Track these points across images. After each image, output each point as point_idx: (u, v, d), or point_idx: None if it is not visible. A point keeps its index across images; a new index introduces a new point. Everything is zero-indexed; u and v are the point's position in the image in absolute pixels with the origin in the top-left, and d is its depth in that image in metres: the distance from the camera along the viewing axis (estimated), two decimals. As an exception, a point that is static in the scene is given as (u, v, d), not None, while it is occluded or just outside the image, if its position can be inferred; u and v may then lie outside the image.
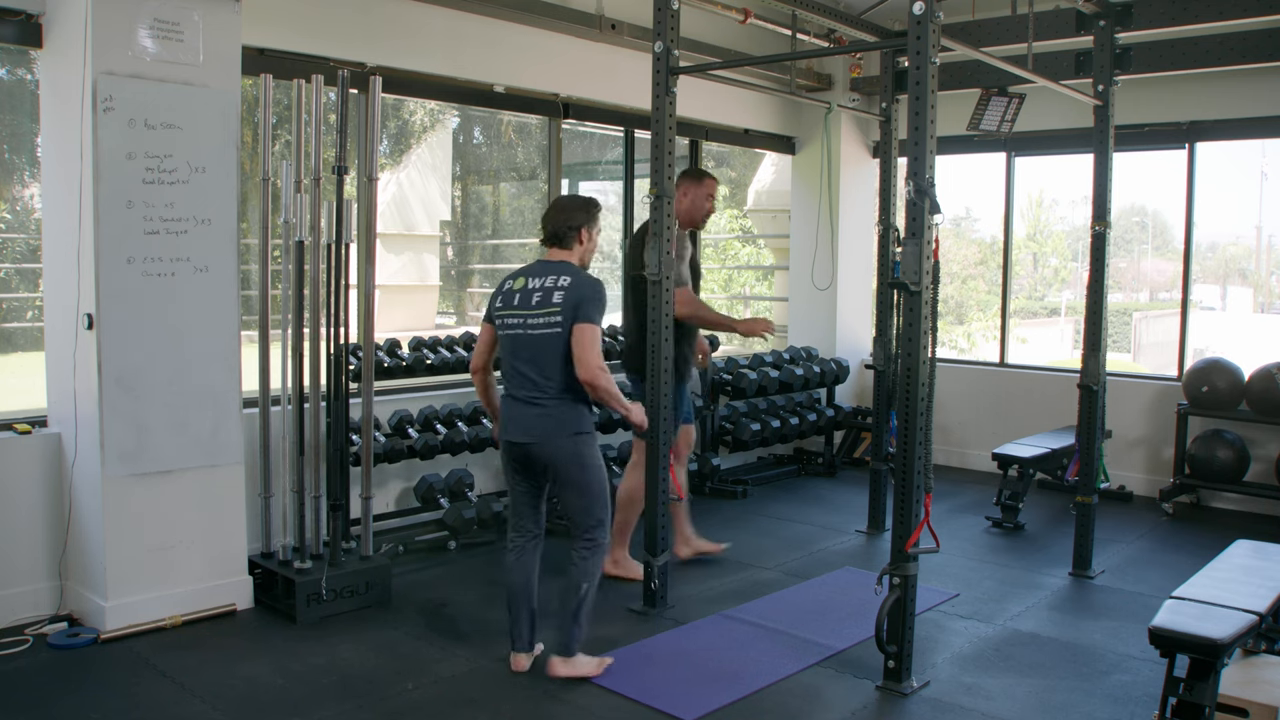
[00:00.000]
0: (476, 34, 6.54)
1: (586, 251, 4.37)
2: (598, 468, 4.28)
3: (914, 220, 4.09)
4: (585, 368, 4.07)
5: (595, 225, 4.37)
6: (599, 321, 4.13)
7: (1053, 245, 14.31)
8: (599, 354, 4.09)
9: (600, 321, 4.14)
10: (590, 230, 4.35)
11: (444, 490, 6.20)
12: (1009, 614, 5.25)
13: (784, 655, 4.66)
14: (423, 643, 4.72)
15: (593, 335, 4.09)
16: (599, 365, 4.07)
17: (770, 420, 8.01)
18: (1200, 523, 7.18)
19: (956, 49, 4.87)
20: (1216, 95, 7.52)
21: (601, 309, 4.16)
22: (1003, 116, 6.55)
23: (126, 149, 4.55)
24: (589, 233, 4.34)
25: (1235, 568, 4.30)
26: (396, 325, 10.16)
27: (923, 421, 4.20)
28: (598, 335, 4.11)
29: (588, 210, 4.35)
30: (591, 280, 4.22)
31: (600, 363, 4.08)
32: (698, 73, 5.59)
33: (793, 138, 9.29)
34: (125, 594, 4.68)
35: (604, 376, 4.08)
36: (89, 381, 4.62)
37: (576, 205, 4.36)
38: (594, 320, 4.11)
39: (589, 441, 4.27)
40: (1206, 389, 7.27)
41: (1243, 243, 13.83)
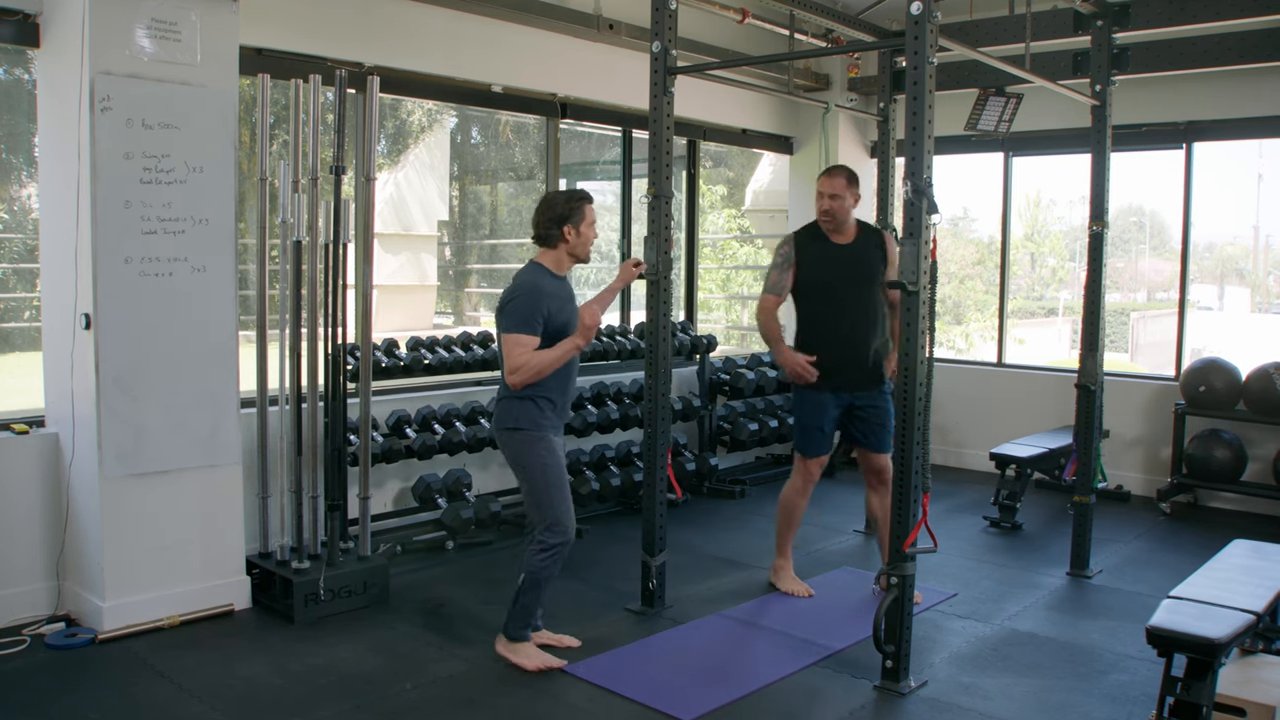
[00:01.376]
0: (474, 34, 6.54)
1: (578, 245, 4.36)
2: (537, 467, 4.30)
3: (911, 220, 4.09)
4: (509, 377, 4.22)
5: (581, 217, 4.34)
6: (511, 328, 4.20)
7: (1050, 245, 14.31)
8: (511, 358, 4.19)
9: (515, 327, 4.19)
10: (576, 225, 4.33)
11: (442, 490, 6.19)
12: (1007, 614, 5.26)
13: (782, 655, 4.66)
14: (421, 643, 4.72)
15: (505, 344, 4.22)
16: (511, 370, 4.19)
17: (768, 420, 8.01)
18: (1198, 522, 7.18)
19: (954, 49, 4.87)
20: (1214, 95, 7.53)
21: (515, 315, 4.20)
22: (1000, 116, 6.56)
23: (124, 149, 4.55)
24: (574, 228, 4.32)
25: (1233, 567, 4.31)
26: (394, 325, 10.16)
27: (920, 421, 4.20)
28: (509, 342, 4.20)
29: (569, 205, 4.33)
30: (513, 286, 4.30)
31: (513, 365, 4.18)
32: (695, 73, 5.59)
33: (790, 138, 9.29)
34: (123, 594, 4.68)
35: (518, 377, 4.18)
36: (86, 381, 4.62)
37: (558, 202, 4.35)
38: (505, 329, 4.22)
39: (524, 439, 4.30)
40: (1204, 389, 7.27)
41: (1240, 243, 13.83)
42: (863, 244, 5.22)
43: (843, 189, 5.15)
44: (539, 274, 4.32)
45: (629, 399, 7.31)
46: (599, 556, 6.04)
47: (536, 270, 4.34)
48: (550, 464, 4.31)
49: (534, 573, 4.32)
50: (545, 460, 4.30)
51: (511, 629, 4.44)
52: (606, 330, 7.51)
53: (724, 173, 12.73)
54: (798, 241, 5.35)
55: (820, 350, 5.23)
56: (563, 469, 4.36)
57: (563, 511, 4.31)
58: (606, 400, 7.23)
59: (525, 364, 4.16)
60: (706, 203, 12.02)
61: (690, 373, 8.03)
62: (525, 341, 4.18)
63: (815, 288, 5.28)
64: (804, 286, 5.31)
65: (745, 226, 12.89)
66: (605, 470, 6.91)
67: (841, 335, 5.20)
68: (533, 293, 4.23)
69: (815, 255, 5.27)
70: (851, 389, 5.18)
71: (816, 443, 5.35)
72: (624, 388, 7.37)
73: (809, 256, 5.28)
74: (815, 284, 5.27)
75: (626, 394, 7.34)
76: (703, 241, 9.84)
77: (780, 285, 5.35)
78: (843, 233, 5.23)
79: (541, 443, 4.30)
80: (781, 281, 5.35)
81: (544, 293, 4.25)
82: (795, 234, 5.42)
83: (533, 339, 4.19)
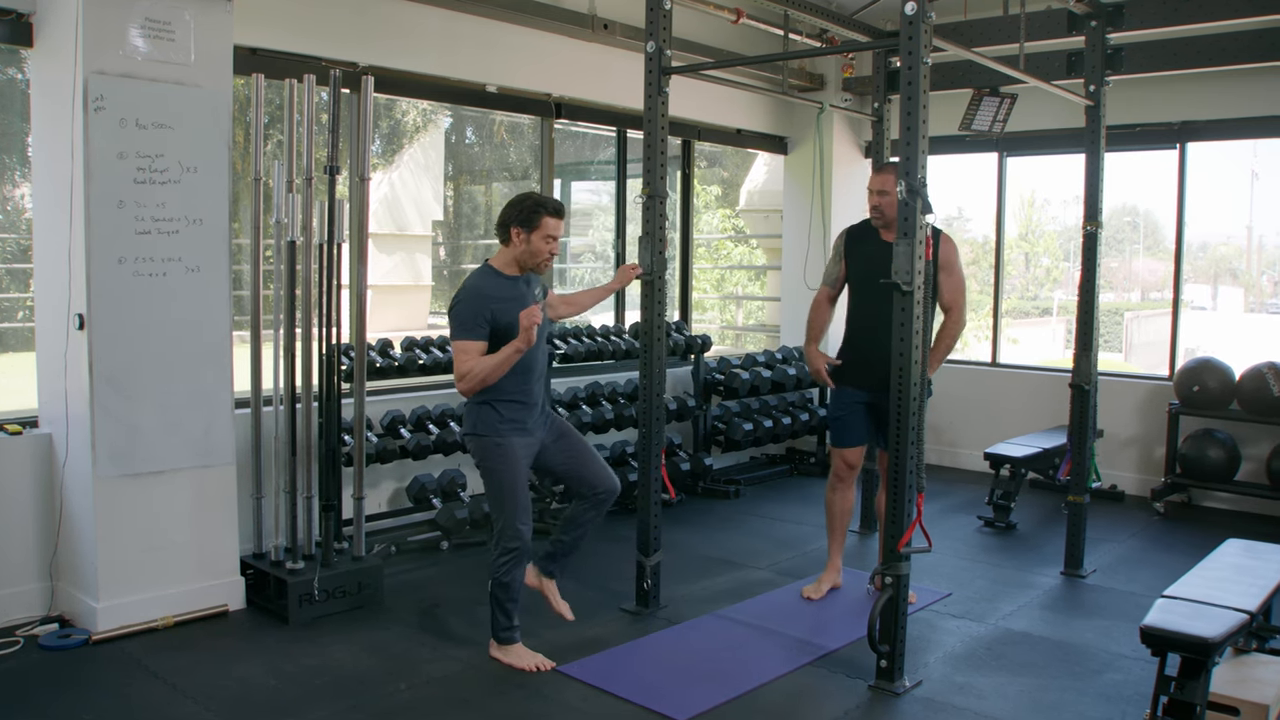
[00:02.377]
0: (469, 34, 6.53)
1: (526, 254, 4.31)
2: (493, 474, 4.34)
3: (906, 220, 4.10)
4: (456, 384, 4.25)
5: (536, 226, 4.26)
6: (455, 335, 4.22)
7: (1045, 245, 14.32)
8: (456, 366, 4.21)
9: (457, 334, 4.21)
10: (527, 231, 4.27)
11: (437, 490, 6.19)
12: (1001, 613, 5.26)
13: (777, 655, 4.67)
14: (415, 643, 4.72)
15: (454, 349, 4.24)
16: (458, 377, 4.22)
17: (763, 420, 8.01)
18: (1192, 522, 7.20)
19: (948, 49, 4.87)
20: (1208, 96, 7.54)
21: (457, 321, 4.22)
22: (994, 117, 6.56)
23: (118, 149, 4.54)
24: (524, 233, 4.27)
25: (1226, 567, 4.32)
26: (389, 325, 10.16)
27: (915, 421, 4.21)
28: (454, 350, 4.23)
29: (526, 209, 4.28)
30: (458, 293, 4.32)
31: (458, 373, 4.20)
32: (690, 73, 5.59)
33: (785, 138, 9.30)
34: (117, 595, 4.67)
35: (464, 385, 4.21)
36: (80, 382, 4.61)
37: (521, 202, 4.33)
38: (454, 336, 4.24)
39: (482, 444, 4.33)
40: (1198, 388, 7.29)
41: (1234, 243, 13.84)
42: None
43: (891, 185, 5.07)
44: (484, 276, 4.32)
45: (623, 399, 7.31)
46: (594, 556, 6.03)
47: (482, 273, 4.34)
48: (505, 471, 4.31)
49: (496, 576, 4.37)
50: (500, 468, 4.31)
51: (497, 632, 4.47)
52: (601, 330, 7.51)
53: (719, 173, 12.74)
54: (848, 236, 5.40)
55: (853, 345, 5.32)
56: (517, 477, 4.33)
57: (516, 518, 4.32)
58: (601, 400, 7.23)
59: (469, 371, 4.16)
60: (701, 203, 12.03)
61: (685, 373, 8.03)
62: (469, 348, 4.18)
63: (857, 283, 5.31)
64: (850, 281, 5.36)
65: (740, 226, 12.89)
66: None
67: (872, 332, 5.17)
68: (474, 297, 4.23)
69: (860, 251, 5.28)
70: (879, 387, 5.14)
71: (838, 432, 5.39)
72: (619, 388, 7.37)
73: (855, 252, 5.31)
74: (857, 279, 5.30)
75: (621, 394, 7.34)
76: (697, 241, 9.84)
77: (831, 277, 5.45)
78: (892, 229, 5.19)
79: (499, 449, 4.30)
80: (833, 273, 5.43)
81: (486, 295, 4.23)
82: (847, 229, 5.46)
83: (476, 344, 4.18)
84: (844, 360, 5.34)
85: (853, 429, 5.33)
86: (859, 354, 5.25)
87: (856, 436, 5.34)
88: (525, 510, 4.35)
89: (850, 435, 5.34)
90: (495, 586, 4.38)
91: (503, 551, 4.33)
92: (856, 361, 5.26)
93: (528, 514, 4.37)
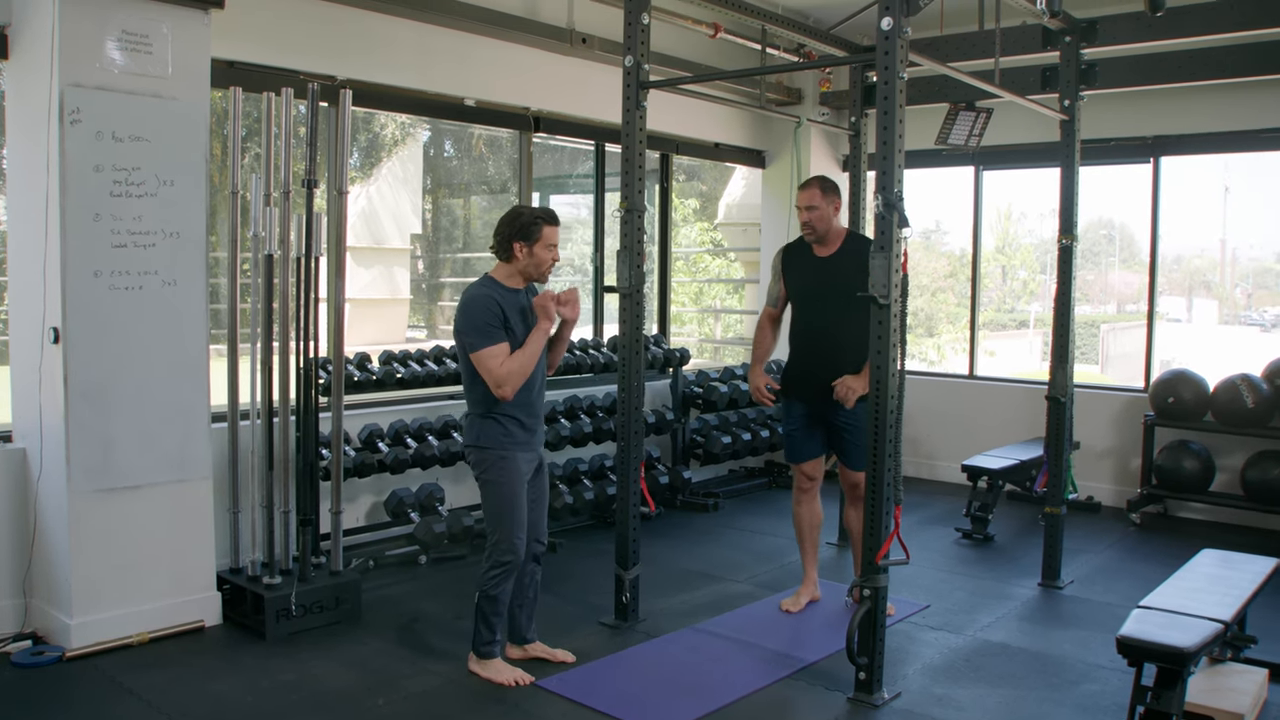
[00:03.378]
0: (447, 48, 6.54)
1: (529, 265, 4.32)
2: (493, 487, 4.32)
3: (883, 234, 4.12)
4: (497, 392, 4.20)
5: (537, 238, 4.28)
6: (477, 346, 4.18)
7: (1021, 258, 14.43)
8: (492, 374, 4.17)
9: (480, 344, 4.18)
10: (529, 244, 4.28)
11: (415, 505, 6.17)
12: (979, 625, 5.28)
13: (755, 668, 4.66)
14: (393, 658, 4.69)
15: (481, 361, 4.19)
16: (496, 384, 4.18)
17: (741, 433, 8.02)
18: (1167, 532, 7.24)
19: (924, 64, 4.90)
20: (1180, 110, 7.62)
21: (475, 332, 4.20)
22: (970, 131, 6.60)
23: (94, 161, 4.52)
24: (527, 246, 4.28)
25: (1201, 577, 4.35)
26: (367, 339, 10.13)
27: (892, 434, 4.22)
28: (483, 358, 4.18)
29: (524, 222, 4.29)
30: (463, 304, 4.29)
31: (496, 380, 4.17)
32: (668, 87, 5.62)
33: (763, 151, 9.34)
34: (91, 611, 4.63)
35: (507, 388, 4.18)
36: (54, 396, 4.58)
37: (519, 216, 4.33)
38: (476, 347, 4.19)
39: (486, 457, 4.32)
40: (1172, 400, 7.34)
41: (1208, 255, 13.99)
42: (843, 256, 5.16)
43: (817, 199, 5.15)
44: (490, 286, 4.31)
45: (602, 412, 7.31)
46: (572, 570, 6.03)
47: (484, 283, 4.33)
48: (505, 484, 4.30)
49: (484, 589, 4.34)
50: (501, 481, 4.30)
51: (477, 645, 4.45)
52: (579, 343, 7.51)
53: (697, 186, 12.77)
54: (785, 254, 5.43)
55: (795, 359, 5.34)
56: (518, 492, 4.34)
57: (512, 532, 4.31)
58: (579, 414, 7.22)
59: (507, 372, 4.16)
60: (679, 216, 12.06)
61: (663, 386, 8.04)
62: (496, 353, 4.17)
63: (795, 299, 5.35)
64: (790, 298, 5.39)
65: (718, 240, 12.93)
66: (578, 484, 6.90)
67: (812, 347, 5.24)
68: (487, 303, 4.22)
69: (796, 267, 5.33)
70: (822, 400, 5.17)
71: (791, 447, 5.42)
72: (597, 401, 7.37)
73: (791, 269, 5.35)
74: (795, 296, 5.34)
75: (599, 407, 7.34)
76: (675, 255, 9.86)
77: (773, 296, 5.49)
78: (825, 243, 5.23)
79: (502, 462, 4.30)
80: (774, 293, 5.47)
81: (497, 301, 4.24)
82: (784, 247, 5.50)
83: (502, 346, 4.19)
84: (789, 375, 5.38)
85: (805, 443, 5.36)
86: (802, 368, 5.29)
87: (810, 450, 5.36)
88: (522, 525, 4.35)
89: (804, 449, 5.37)
90: (482, 599, 4.36)
91: (495, 564, 4.32)
92: (800, 376, 5.30)
93: (524, 529, 4.36)
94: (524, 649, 4.64)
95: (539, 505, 4.53)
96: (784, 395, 5.41)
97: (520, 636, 4.64)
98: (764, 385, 5.35)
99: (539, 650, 4.65)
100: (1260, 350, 12.44)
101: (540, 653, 4.64)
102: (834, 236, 5.21)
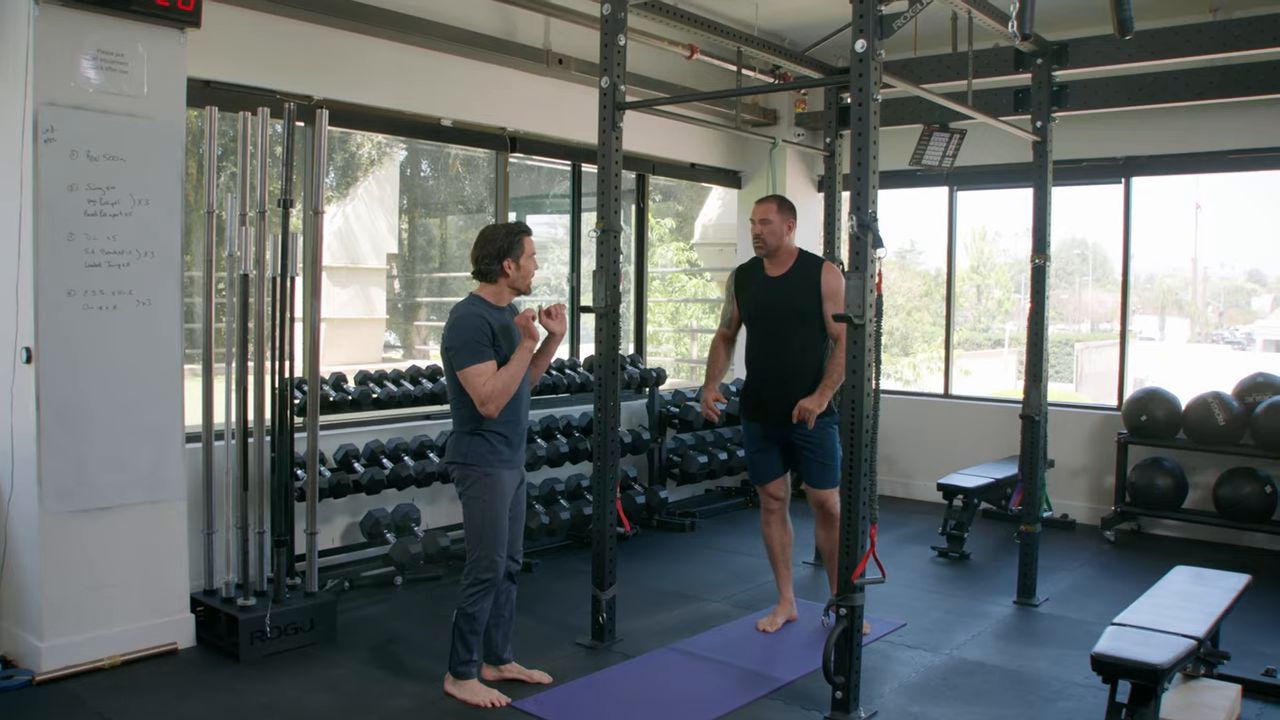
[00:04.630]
0: (424, 68, 6.55)
1: (518, 278, 4.36)
2: (477, 504, 4.32)
3: (858, 254, 4.14)
4: (482, 409, 4.20)
5: (521, 250, 4.34)
6: (465, 363, 4.19)
7: (996, 277, 14.50)
8: (477, 391, 4.18)
9: (468, 361, 4.19)
10: (516, 258, 4.32)
11: (390, 525, 6.14)
12: (955, 643, 5.29)
13: (732, 688, 4.66)
14: (369, 680, 4.66)
15: (467, 379, 4.20)
16: (481, 402, 4.19)
17: (718, 453, 8.03)
18: (1141, 550, 7.29)
19: (898, 86, 4.96)
20: (1151, 132, 7.71)
21: (463, 350, 4.20)
22: (944, 152, 6.67)
23: (68, 180, 4.50)
24: (514, 261, 4.32)
25: (1174, 594, 4.38)
26: (342, 359, 10.08)
27: (868, 453, 4.23)
28: (470, 375, 4.19)
29: (508, 238, 4.33)
30: (451, 323, 4.30)
31: (482, 397, 4.18)
32: (644, 108, 5.63)
33: (739, 172, 9.38)
34: (62, 634, 4.58)
35: (491, 405, 4.18)
36: (27, 416, 4.54)
37: (497, 236, 4.35)
38: (464, 364, 4.20)
39: (470, 474, 4.32)
40: (1145, 418, 7.40)
41: (1179, 274, 14.11)
42: (794, 276, 5.20)
43: (772, 214, 5.19)
44: (478, 304, 4.32)
45: (578, 432, 7.30)
46: (549, 591, 6.01)
47: (473, 301, 4.35)
48: (489, 502, 4.30)
49: (463, 607, 4.33)
50: (485, 498, 4.30)
51: (454, 665, 4.42)
52: (556, 363, 7.50)
53: (673, 206, 12.80)
54: (738, 274, 5.46)
55: (751, 381, 5.39)
56: (501, 509, 4.33)
57: (493, 549, 4.31)
58: (556, 434, 7.21)
59: (492, 390, 4.16)
60: (655, 236, 12.07)
61: (640, 406, 8.04)
62: (483, 370, 4.18)
63: (748, 320, 5.39)
64: (744, 319, 5.42)
65: (694, 259, 12.96)
66: (555, 504, 6.88)
67: (765, 367, 5.28)
68: (471, 323, 4.23)
69: (749, 288, 5.36)
70: (778, 421, 5.19)
71: (754, 469, 5.46)
72: (573, 421, 7.36)
73: (744, 289, 5.38)
74: (748, 316, 5.38)
75: (576, 427, 7.33)
76: (652, 274, 9.88)
77: (727, 317, 5.51)
78: (776, 260, 5.25)
79: (487, 479, 4.30)
80: (728, 314, 5.50)
81: (486, 319, 4.25)
82: (737, 268, 5.52)
83: (489, 365, 4.19)
84: (746, 396, 5.42)
85: (766, 464, 5.38)
86: (758, 389, 5.33)
87: (772, 470, 5.39)
88: (503, 543, 4.34)
89: (766, 470, 5.39)
90: (460, 617, 4.34)
91: (474, 581, 4.30)
92: (757, 396, 5.34)
93: (504, 547, 4.36)
94: (500, 670, 4.62)
95: (516, 523, 4.52)
96: (743, 416, 5.46)
97: (496, 657, 4.62)
98: (712, 401, 5.37)
99: (515, 671, 4.63)
100: (1231, 368, 12.56)
101: (516, 673, 4.62)
102: (785, 256, 5.24)
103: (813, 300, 5.12)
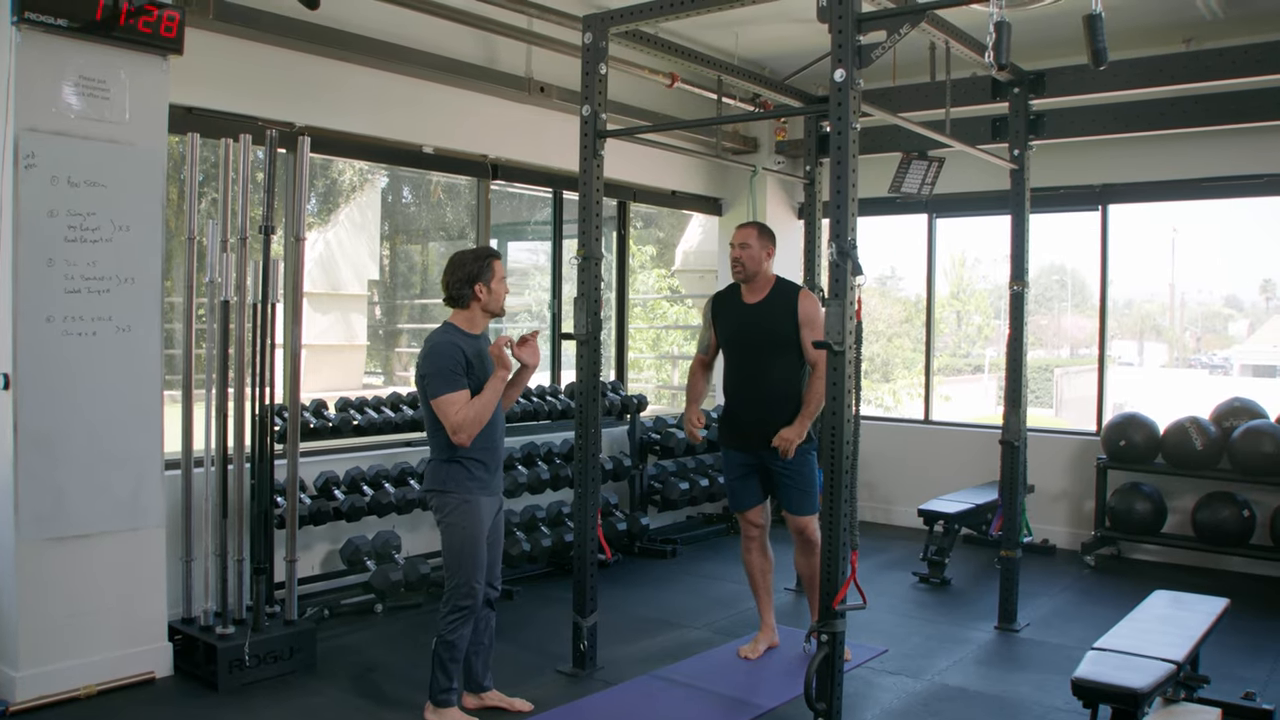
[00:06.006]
0: (406, 95, 6.57)
1: (490, 301, 4.37)
2: (455, 531, 4.31)
3: (837, 281, 4.16)
4: (454, 438, 4.20)
5: (491, 274, 4.35)
6: (439, 391, 4.19)
7: (975, 303, 14.58)
8: (449, 419, 4.18)
9: (441, 390, 4.19)
10: (486, 282, 4.33)
11: (370, 553, 6.11)
12: (937, 669, 5.30)
13: (714, 715, 4.65)
14: (349, 708, 4.63)
15: (440, 407, 4.21)
16: (453, 430, 4.19)
17: (699, 479, 8.03)
18: (1121, 574, 7.31)
19: (877, 114, 5.00)
20: (1127, 160, 7.80)
21: (437, 378, 4.20)
22: (923, 179, 6.72)
23: (48, 206, 4.49)
24: (485, 285, 4.33)
25: (1154, 618, 4.40)
26: (323, 385, 10.05)
27: (848, 479, 4.24)
28: (443, 404, 4.19)
29: (477, 263, 4.34)
30: (425, 351, 4.30)
31: (454, 425, 4.18)
32: (625, 136, 5.68)
33: (719, 199, 9.43)
34: (38, 663, 4.53)
35: (464, 434, 4.18)
36: (4, 443, 4.51)
37: (466, 261, 4.36)
38: (438, 392, 4.20)
39: (448, 500, 4.32)
40: (1124, 443, 7.44)
41: (1157, 300, 14.21)
42: (771, 303, 5.22)
43: (752, 239, 5.22)
44: (452, 332, 4.33)
45: (559, 459, 7.29)
46: (530, 618, 5.99)
47: (447, 330, 4.35)
48: (467, 529, 4.29)
49: (443, 634, 4.31)
50: (463, 525, 4.29)
51: (435, 694, 4.39)
52: (536, 390, 7.50)
53: (654, 233, 12.85)
54: (715, 301, 5.48)
55: (729, 408, 5.41)
56: (479, 536, 4.33)
57: (472, 575, 4.30)
58: (537, 460, 7.20)
59: (464, 419, 4.16)
60: (637, 263, 12.11)
61: (621, 432, 8.04)
62: (456, 399, 4.17)
63: (726, 347, 5.40)
64: (721, 346, 5.43)
65: (675, 286, 12.99)
66: (536, 531, 6.87)
67: (743, 394, 5.30)
68: (446, 351, 4.23)
69: (726, 314, 5.38)
70: (757, 448, 5.21)
71: (733, 496, 5.46)
72: (554, 448, 7.35)
73: (721, 316, 5.40)
74: (725, 343, 5.39)
75: (557, 454, 7.32)
76: (633, 301, 9.90)
77: (704, 344, 5.53)
78: (753, 287, 5.27)
79: (465, 506, 4.29)
80: (705, 340, 5.52)
81: (460, 348, 4.25)
82: (714, 295, 5.55)
83: (463, 394, 4.19)
84: (724, 424, 5.44)
85: (745, 491, 5.39)
86: (735, 416, 5.35)
87: (751, 498, 5.39)
88: (481, 569, 4.33)
89: (745, 498, 5.40)
90: (439, 645, 4.32)
91: (454, 609, 4.29)
92: (735, 423, 5.35)
93: (483, 573, 4.35)
94: (480, 697, 4.59)
95: (495, 549, 4.51)
96: (722, 444, 5.48)
97: (477, 684, 4.60)
98: (695, 419, 5.36)
99: (496, 699, 4.61)
100: (1209, 393, 12.65)
101: (497, 701, 4.60)
102: (763, 282, 5.26)
103: (790, 327, 5.15)
